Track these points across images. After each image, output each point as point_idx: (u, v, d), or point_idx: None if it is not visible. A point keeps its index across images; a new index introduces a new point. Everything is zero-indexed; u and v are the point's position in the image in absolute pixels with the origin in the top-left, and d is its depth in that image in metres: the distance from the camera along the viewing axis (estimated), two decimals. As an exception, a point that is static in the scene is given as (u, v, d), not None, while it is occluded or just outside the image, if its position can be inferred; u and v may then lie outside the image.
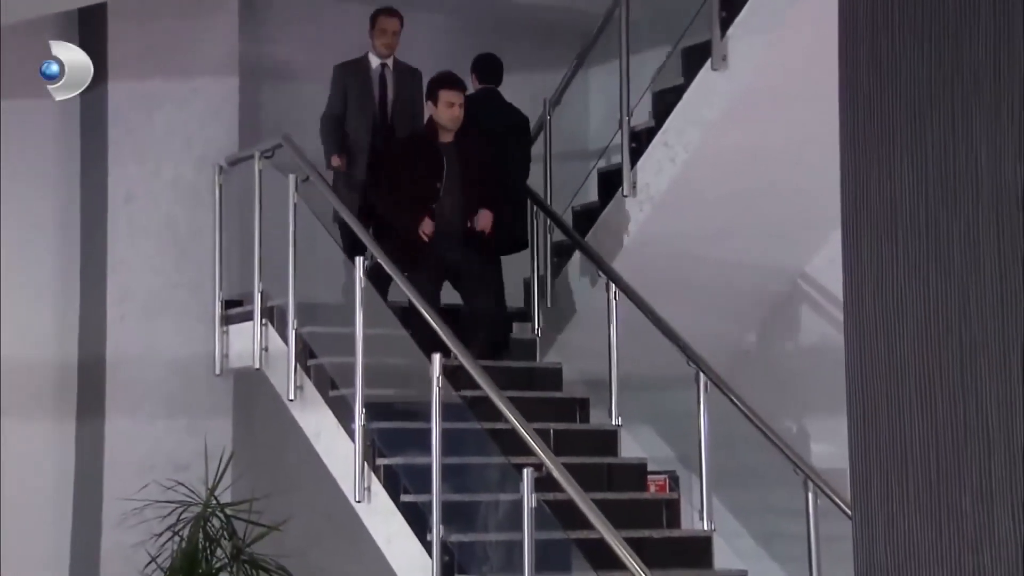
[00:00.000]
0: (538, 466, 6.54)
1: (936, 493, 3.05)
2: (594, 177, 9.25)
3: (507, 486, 6.96)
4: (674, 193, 8.46)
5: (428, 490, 6.99)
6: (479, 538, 7.12)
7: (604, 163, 9.22)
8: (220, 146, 9.18)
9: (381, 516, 7.42)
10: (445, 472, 7.02)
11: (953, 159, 3.08)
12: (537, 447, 6.68)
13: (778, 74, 7.91)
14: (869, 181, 3.24)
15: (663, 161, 8.47)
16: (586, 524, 6.45)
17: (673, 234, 8.60)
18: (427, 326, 7.43)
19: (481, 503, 7.26)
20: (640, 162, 8.60)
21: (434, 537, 6.90)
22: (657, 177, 8.50)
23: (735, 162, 8.30)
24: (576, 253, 8.95)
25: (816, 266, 9.04)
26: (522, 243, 8.96)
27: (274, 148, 8.68)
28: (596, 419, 8.43)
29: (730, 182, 8.39)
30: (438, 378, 7.02)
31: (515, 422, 6.83)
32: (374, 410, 7.55)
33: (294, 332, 8.13)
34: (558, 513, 6.75)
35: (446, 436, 7.07)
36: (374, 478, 7.45)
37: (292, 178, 8.34)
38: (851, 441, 3.25)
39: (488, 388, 7.02)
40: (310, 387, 8.08)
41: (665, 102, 8.56)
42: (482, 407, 7.23)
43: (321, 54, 9.68)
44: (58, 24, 8.97)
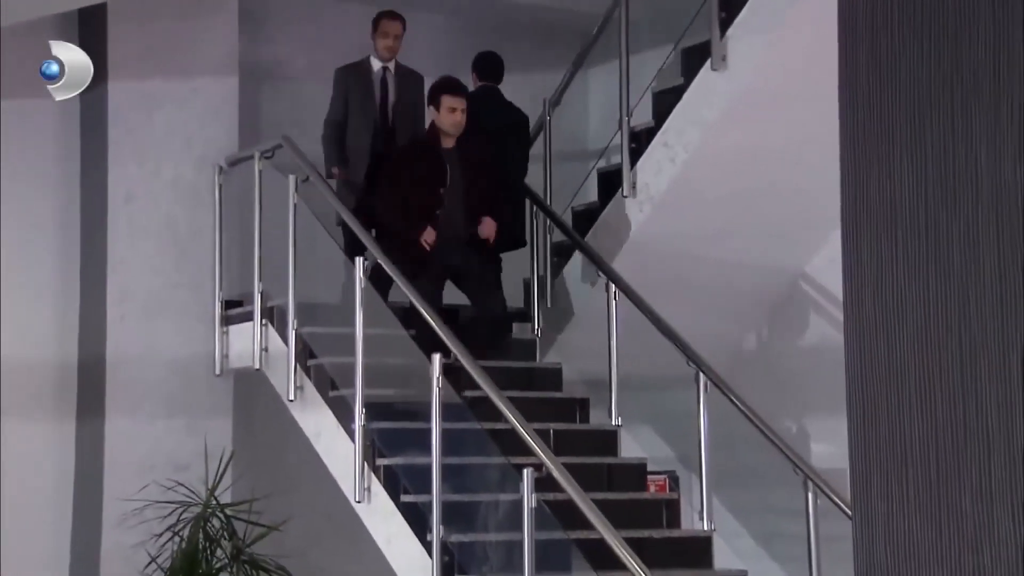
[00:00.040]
0: (538, 466, 6.54)
1: (936, 493, 3.05)
2: (594, 177, 9.25)
3: (507, 486, 6.96)
4: (674, 193, 8.46)
5: (428, 490, 6.99)
6: (479, 538, 7.12)
7: (604, 163, 9.22)
8: (220, 146, 9.18)
9: (381, 516, 7.41)
10: (445, 472, 7.02)
11: (953, 159, 3.08)
12: (537, 447, 6.68)
13: (778, 74, 7.91)
14: (869, 181, 3.24)
15: (663, 161, 8.47)
16: (586, 524, 6.45)
17: (673, 234, 8.60)
18: (428, 326, 7.43)
19: (481, 503, 7.25)
20: (640, 162, 8.60)
21: (434, 537, 6.90)
22: (657, 177, 8.51)
23: (735, 162, 8.30)
24: (576, 253, 8.95)
25: (816, 266, 9.04)
26: (520, 242, 8.97)
27: (274, 148, 8.68)
28: (596, 419, 8.43)
29: (730, 182, 8.39)
30: (438, 378, 7.02)
31: (515, 422, 6.83)
32: (374, 410, 7.55)
33: (294, 332, 8.13)
34: (558, 513, 6.75)
35: (446, 436, 7.07)
36: (374, 478, 7.45)
37: (292, 178, 8.34)
38: (851, 441, 3.25)
39: (488, 388, 7.02)
40: (310, 387, 8.08)
41: (665, 102, 8.56)
42: (482, 407, 7.23)
43: (321, 54, 9.70)
44: (58, 24, 8.97)
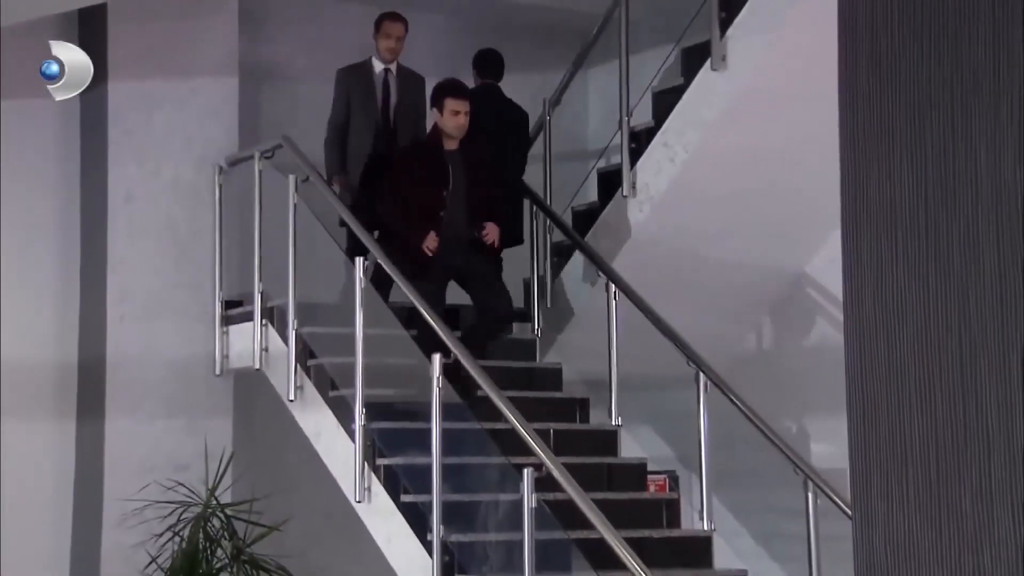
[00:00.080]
0: (538, 466, 6.54)
1: (936, 493, 3.05)
2: (594, 177, 9.25)
3: (507, 486, 6.97)
4: (674, 193, 8.46)
5: (428, 490, 6.99)
6: (479, 538, 7.12)
7: (604, 163, 9.22)
8: (220, 146, 9.18)
9: (381, 516, 7.41)
10: (445, 472, 7.02)
11: (953, 159, 3.08)
12: (537, 447, 6.68)
13: (777, 74, 7.91)
14: (869, 181, 3.24)
15: (663, 161, 8.46)
16: (586, 524, 6.45)
17: (673, 234, 8.60)
18: (429, 327, 7.43)
19: (481, 503, 7.26)
20: (640, 162, 8.60)
21: (434, 537, 6.90)
22: (657, 177, 8.50)
23: (735, 162, 8.30)
24: (576, 253, 8.94)
25: (816, 266, 9.04)
26: (517, 239, 8.94)
27: (274, 148, 8.68)
28: (596, 419, 8.44)
29: (730, 182, 8.39)
30: (438, 378, 7.02)
31: (515, 422, 6.83)
32: (374, 410, 7.55)
33: (294, 332, 8.13)
34: (558, 513, 6.75)
35: (446, 436, 7.07)
36: (374, 478, 7.45)
37: (292, 178, 8.34)
38: (851, 441, 3.25)
39: (488, 388, 7.03)
40: (310, 387, 8.08)
41: (665, 102, 8.56)
42: (482, 407, 7.23)
43: (321, 55, 9.70)
44: (58, 24, 8.97)
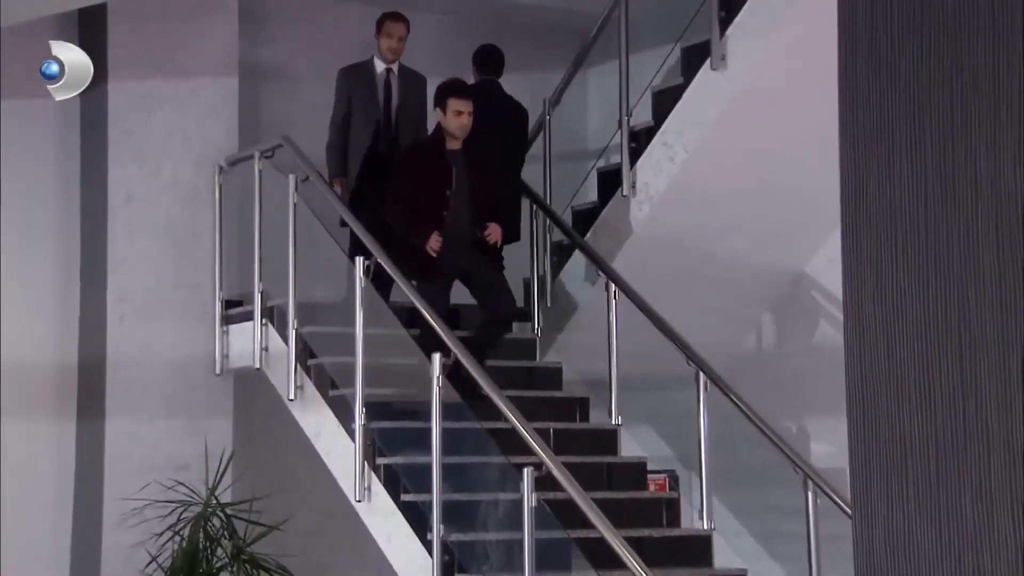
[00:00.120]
0: (538, 465, 6.54)
1: (936, 493, 3.05)
2: (594, 177, 9.25)
3: (507, 485, 6.97)
4: (674, 193, 8.46)
5: (428, 489, 6.99)
6: (479, 537, 7.12)
7: (604, 163, 9.22)
8: (220, 146, 9.18)
9: (381, 515, 7.42)
10: (445, 471, 7.02)
11: (952, 160, 3.08)
12: (537, 446, 6.68)
13: (777, 74, 7.92)
14: (868, 181, 3.24)
15: (662, 161, 8.47)
16: (586, 523, 6.45)
17: (673, 234, 8.60)
18: (431, 327, 7.43)
19: (481, 502, 7.26)
20: (639, 162, 8.60)
21: (434, 536, 6.90)
22: (656, 177, 8.51)
23: (734, 162, 8.30)
24: (576, 253, 8.94)
25: (816, 266, 9.04)
26: (515, 236, 8.91)
27: (274, 148, 8.68)
28: (596, 418, 8.44)
29: (729, 182, 8.39)
30: (438, 378, 7.03)
31: (515, 422, 6.83)
32: (374, 410, 7.56)
33: (294, 332, 8.13)
34: (558, 512, 6.75)
35: (446, 435, 7.07)
36: (374, 477, 7.45)
37: (292, 178, 8.34)
38: (851, 441, 3.25)
39: (488, 388, 7.03)
40: (310, 387, 8.08)
41: (664, 102, 8.56)
42: (482, 407, 7.24)
43: (321, 54, 9.70)
44: (58, 24, 8.97)
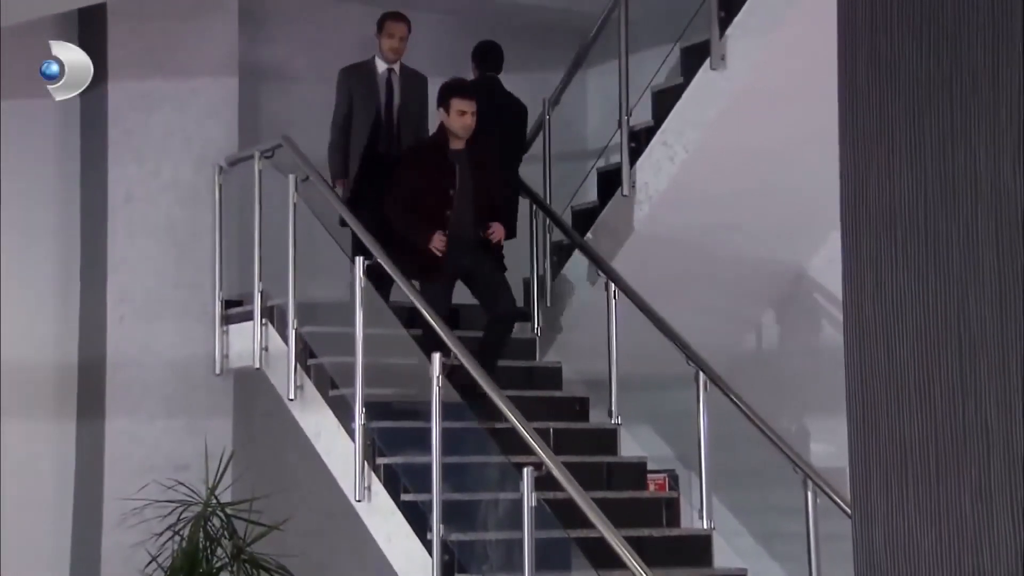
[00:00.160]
0: (538, 465, 6.55)
1: (935, 493, 3.05)
2: (593, 177, 9.25)
3: (507, 485, 6.97)
4: (673, 192, 8.46)
5: (428, 489, 7.00)
6: (479, 537, 7.12)
7: (603, 163, 9.22)
8: (220, 146, 9.18)
9: (381, 515, 7.42)
10: (445, 471, 7.02)
11: (952, 159, 3.09)
12: (537, 446, 6.69)
13: (777, 74, 7.92)
14: (868, 181, 3.25)
15: (662, 160, 8.47)
16: (586, 523, 6.45)
17: (672, 233, 8.60)
18: (432, 327, 7.43)
19: (481, 502, 7.26)
20: (639, 162, 8.60)
21: (434, 536, 6.90)
22: (656, 176, 8.51)
23: (734, 162, 8.30)
24: (575, 253, 8.94)
25: (816, 266, 9.04)
26: (512, 233, 8.87)
27: (274, 148, 8.68)
28: (596, 418, 8.44)
29: (729, 182, 8.39)
30: (438, 377, 7.03)
31: (515, 421, 6.84)
32: (374, 410, 7.56)
33: (294, 332, 8.13)
34: (558, 512, 6.75)
35: (446, 435, 7.08)
36: (374, 477, 7.45)
37: (292, 178, 8.34)
38: (851, 441, 3.25)
39: (488, 388, 7.03)
40: (310, 387, 8.08)
41: (664, 102, 8.56)
42: (482, 406, 7.24)
43: (321, 54, 9.70)
44: (58, 24, 8.97)
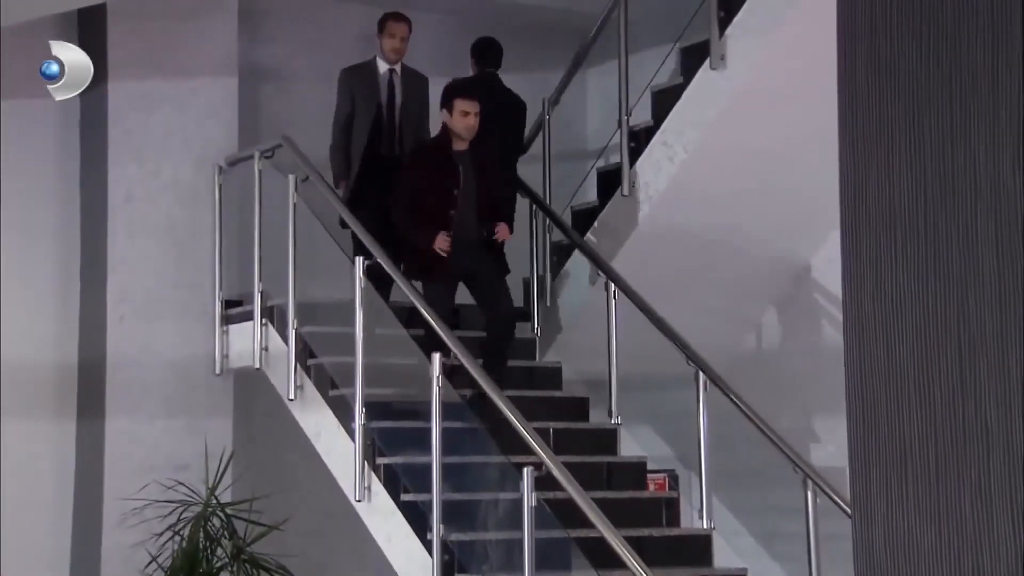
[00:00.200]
0: (538, 465, 6.55)
1: (935, 492, 3.05)
2: (593, 176, 9.25)
3: (507, 485, 6.97)
4: (673, 192, 8.47)
5: (428, 489, 7.00)
6: (479, 537, 7.13)
7: (603, 163, 9.22)
8: (219, 146, 9.18)
9: (381, 515, 7.42)
10: (445, 471, 7.03)
11: (952, 159, 3.09)
12: (537, 446, 6.69)
13: (777, 74, 7.92)
14: (868, 181, 3.25)
15: (662, 160, 8.47)
16: (586, 523, 6.45)
17: (672, 233, 8.60)
18: (433, 327, 7.43)
19: (481, 502, 7.26)
20: (639, 161, 8.60)
21: (434, 536, 6.90)
22: (656, 176, 8.51)
23: (734, 162, 8.30)
24: (575, 253, 8.95)
25: (816, 266, 9.05)
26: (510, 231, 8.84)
27: (274, 148, 8.68)
28: (595, 418, 8.44)
29: (729, 182, 8.40)
30: (438, 377, 7.03)
31: (515, 421, 6.84)
32: (374, 410, 7.56)
33: (294, 332, 8.13)
34: (558, 512, 6.75)
35: (446, 435, 7.08)
36: (374, 477, 7.45)
37: (292, 178, 8.35)
38: (850, 441, 3.26)
39: (488, 387, 7.03)
40: (310, 387, 8.08)
41: (664, 101, 8.56)
42: (482, 406, 7.24)
43: (321, 54, 9.71)
44: (58, 24, 8.97)
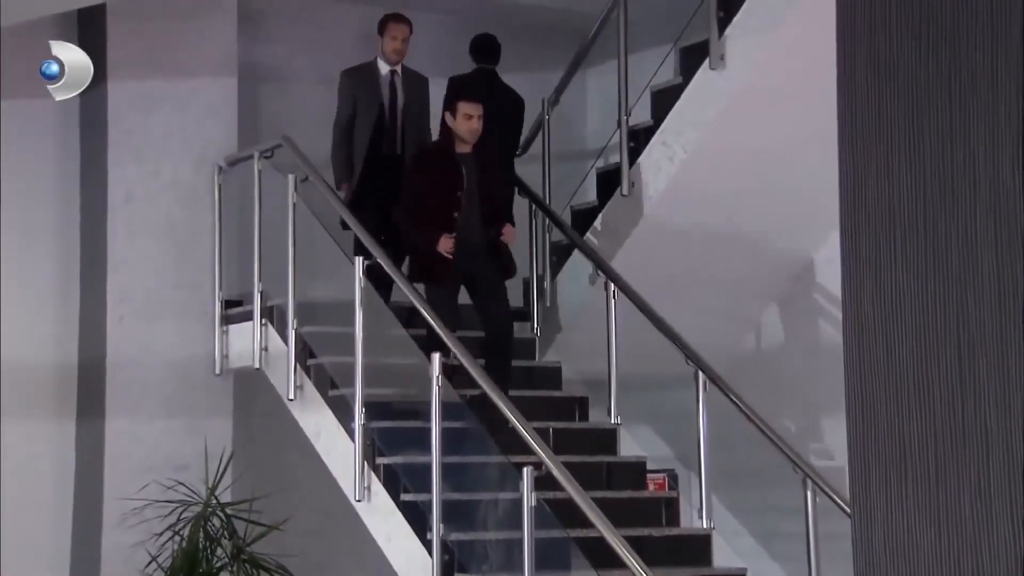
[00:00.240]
0: (538, 465, 6.55)
1: (935, 492, 3.06)
2: (593, 176, 9.25)
3: (507, 485, 6.98)
4: (673, 192, 8.47)
5: (428, 489, 7.00)
6: (479, 537, 7.13)
7: (603, 163, 9.22)
8: (219, 146, 9.19)
9: (381, 515, 7.42)
10: (445, 471, 7.03)
11: (951, 159, 3.09)
12: (537, 446, 6.69)
13: (776, 74, 7.92)
14: (867, 181, 3.25)
15: (661, 160, 8.47)
16: (586, 523, 6.45)
17: (672, 233, 8.60)
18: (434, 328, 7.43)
19: (481, 502, 7.26)
20: (639, 161, 8.60)
21: (434, 536, 6.91)
22: (656, 176, 8.51)
23: (733, 162, 8.30)
24: (575, 252, 8.95)
25: (816, 266, 9.05)
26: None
27: (273, 148, 8.69)
28: (595, 418, 8.45)
29: (729, 181, 8.40)
30: (438, 377, 7.03)
31: (515, 421, 6.84)
32: (374, 409, 7.56)
33: (294, 332, 8.13)
34: (558, 512, 6.76)
35: (446, 435, 7.08)
36: (374, 477, 7.46)
37: (291, 178, 8.35)
38: (850, 440, 3.26)
39: (487, 387, 7.03)
40: (310, 387, 8.08)
41: (663, 101, 8.56)
42: (482, 406, 7.24)
43: (320, 54, 9.71)
44: (58, 24, 8.97)
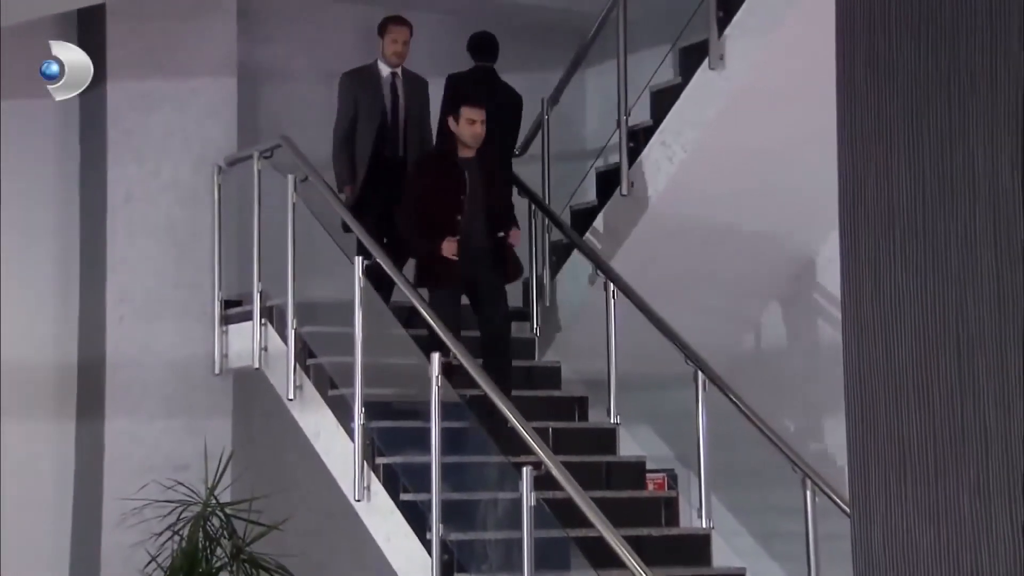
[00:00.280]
0: (537, 464, 6.55)
1: (934, 491, 3.06)
2: (592, 176, 9.25)
3: (506, 485, 6.98)
4: (672, 192, 8.47)
5: (427, 489, 7.00)
6: (478, 536, 7.13)
7: (602, 162, 9.23)
8: (219, 146, 9.19)
9: (381, 515, 7.42)
10: (444, 471, 7.03)
11: (950, 159, 3.09)
12: (536, 446, 6.69)
13: (775, 74, 7.92)
14: (867, 181, 3.25)
15: (661, 160, 8.47)
16: (585, 522, 6.46)
17: (671, 233, 8.61)
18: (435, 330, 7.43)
19: (480, 502, 7.27)
20: (638, 161, 8.61)
21: (434, 536, 6.91)
22: (655, 176, 8.51)
23: (733, 161, 8.31)
24: (575, 252, 8.95)
25: (815, 266, 9.05)
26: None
27: (273, 148, 8.69)
28: (595, 417, 8.45)
29: (728, 181, 8.40)
30: (437, 377, 7.03)
31: (514, 421, 6.84)
32: (373, 409, 7.56)
33: (293, 332, 8.14)
34: (557, 511, 6.76)
35: (445, 435, 7.08)
36: (373, 477, 7.46)
37: (291, 178, 8.35)
38: (849, 440, 3.26)
39: (487, 387, 7.04)
40: (309, 387, 8.09)
41: (663, 101, 8.56)
42: (481, 406, 7.24)
43: (320, 54, 9.72)
44: (58, 24, 8.98)
